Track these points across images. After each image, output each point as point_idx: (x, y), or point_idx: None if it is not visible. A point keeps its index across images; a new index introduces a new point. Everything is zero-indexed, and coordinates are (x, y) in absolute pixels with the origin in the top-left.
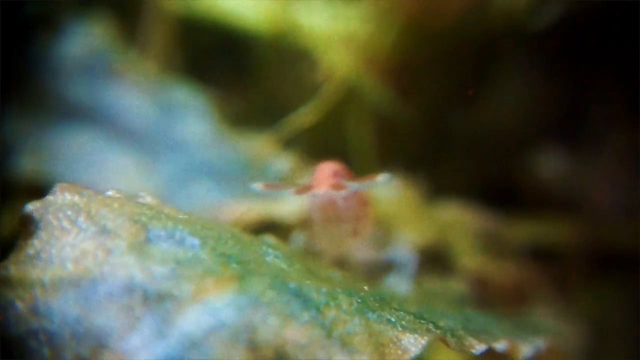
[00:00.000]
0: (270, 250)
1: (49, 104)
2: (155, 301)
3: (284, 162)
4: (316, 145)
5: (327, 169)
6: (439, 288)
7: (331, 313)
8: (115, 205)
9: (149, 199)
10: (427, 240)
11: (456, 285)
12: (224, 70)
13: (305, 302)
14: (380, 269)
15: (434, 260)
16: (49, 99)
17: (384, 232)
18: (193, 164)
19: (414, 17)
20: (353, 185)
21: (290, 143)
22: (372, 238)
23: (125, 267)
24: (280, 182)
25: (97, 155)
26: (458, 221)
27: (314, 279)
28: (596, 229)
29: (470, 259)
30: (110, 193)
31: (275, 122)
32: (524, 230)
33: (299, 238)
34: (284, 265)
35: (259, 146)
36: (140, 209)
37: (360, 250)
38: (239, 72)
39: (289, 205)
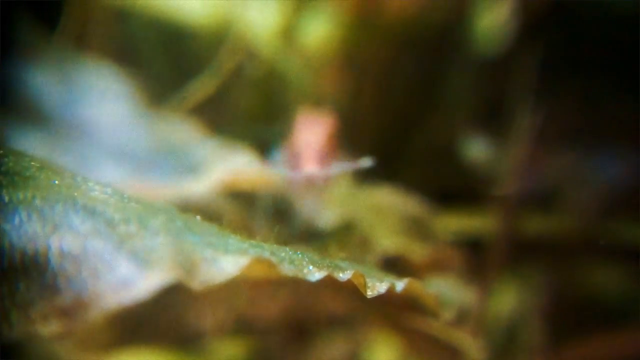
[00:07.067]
0: (96, 187)
1: None
2: None
3: (209, 148)
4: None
5: (313, 142)
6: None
7: (128, 229)
8: None
9: None
10: (346, 216)
11: (363, 256)
12: (160, 61)
13: (93, 216)
14: None
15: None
16: None
17: None
18: (102, 148)
19: (357, 12)
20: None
21: (224, 129)
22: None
23: None
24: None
25: None
26: (384, 203)
27: (138, 209)
28: (510, 216)
29: (387, 237)
30: None
31: (207, 108)
32: (452, 219)
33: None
34: (112, 200)
35: (183, 131)
36: None
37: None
38: (176, 63)
39: (200, 183)
